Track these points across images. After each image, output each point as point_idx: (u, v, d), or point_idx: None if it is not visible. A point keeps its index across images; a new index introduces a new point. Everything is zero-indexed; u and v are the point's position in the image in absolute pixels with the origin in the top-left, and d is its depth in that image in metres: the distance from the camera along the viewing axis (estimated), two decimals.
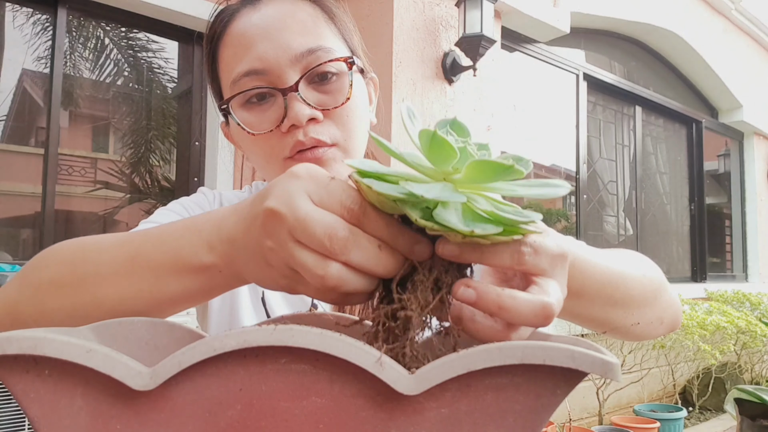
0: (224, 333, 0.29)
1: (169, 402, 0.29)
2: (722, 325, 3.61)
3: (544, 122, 4.18)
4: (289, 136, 0.62)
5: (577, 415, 3.59)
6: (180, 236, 0.41)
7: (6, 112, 2.59)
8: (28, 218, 2.62)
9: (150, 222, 0.67)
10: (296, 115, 0.61)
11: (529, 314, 0.32)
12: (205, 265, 0.40)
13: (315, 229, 0.33)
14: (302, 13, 0.65)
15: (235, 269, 0.39)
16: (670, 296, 0.62)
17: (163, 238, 0.42)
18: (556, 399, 0.30)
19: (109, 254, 0.43)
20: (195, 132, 3.01)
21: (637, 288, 0.55)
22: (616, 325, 0.56)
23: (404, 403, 0.29)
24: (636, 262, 0.59)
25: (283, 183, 0.35)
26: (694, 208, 5.53)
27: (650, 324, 0.59)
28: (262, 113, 0.64)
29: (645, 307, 0.57)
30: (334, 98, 0.64)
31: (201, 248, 0.39)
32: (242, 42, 0.64)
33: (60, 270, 0.44)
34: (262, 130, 0.63)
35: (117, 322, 0.40)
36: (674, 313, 0.63)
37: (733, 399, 1.37)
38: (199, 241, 0.40)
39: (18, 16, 2.61)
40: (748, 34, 5.90)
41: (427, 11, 2.96)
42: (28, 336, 0.29)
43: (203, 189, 0.78)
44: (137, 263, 0.42)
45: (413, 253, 0.34)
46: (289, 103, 0.62)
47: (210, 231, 0.40)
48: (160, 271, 0.41)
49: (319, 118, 0.63)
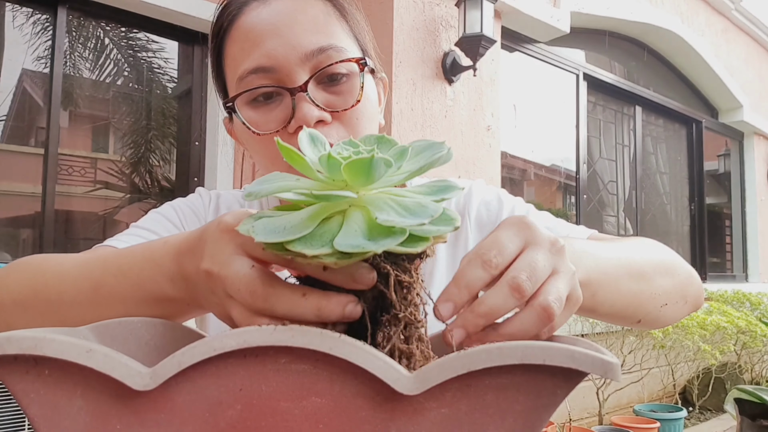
0: (224, 333, 0.29)
1: (169, 402, 0.29)
2: (722, 325, 3.61)
3: (544, 122, 4.18)
4: (296, 138, 0.61)
5: (577, 415, 3.59)
6: (140, 269, 0.40)
7: (6, 112, 2.59)
8: (28, 218, 2.62)
9: (139, 227, 0.66)
10: (304, 116, 0.59)
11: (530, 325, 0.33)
12: (168, 296, 0.39)
13: (238, 286, 0.33)
14: (314, 10, 0.63)
15: (198, 303, 0.39)
16: (688, 272, 0.62)
17: (123, 270, 0.41)
18: (556, 399, 0.30)
19: (70, 282, 0.42)
20: (195, 132, 3.01)
21: (649, 264, 0.55)
22: (646, 309, 0.55)
23: (404, 403, 0.29)
24: (644, 245, 0.59)
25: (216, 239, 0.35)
26: (694, 208, 5.53)
27: (676, 304, 0.59)
28: (268, 112, 0.62)
29: (663, 279, 0.56)
30: (344, 100, 0.62)
31: (164, 283, 0.39)
32: (250, 37, 0.61)
33: (22, 292, 0.44)
34: (267, 130, 0.61)
35: (117, 322, 0.40)
36: (697, 290, 0.63)
37: (733, 399, 1.37)
38: (161, 276, 0.39)
39: (18, 16, 2.61)
40: (748, 34, 5.90)
41: (427, 11, 2.96)
42: (28, 336, 0.29)
43: (200, 190, 0.77)
44: (101, 294, 0.41)
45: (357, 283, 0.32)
46: (297, 103, 0.60)
47: (169, 266, 0.39)
48: (128, 302, 0.40)
49: (327, 120, 0.61)
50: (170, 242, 0.40)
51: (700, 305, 0.64)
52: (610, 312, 0.52)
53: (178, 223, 0.70)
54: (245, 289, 0.33)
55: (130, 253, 0.42)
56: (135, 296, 0.40)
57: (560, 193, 4.52)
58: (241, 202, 0.76)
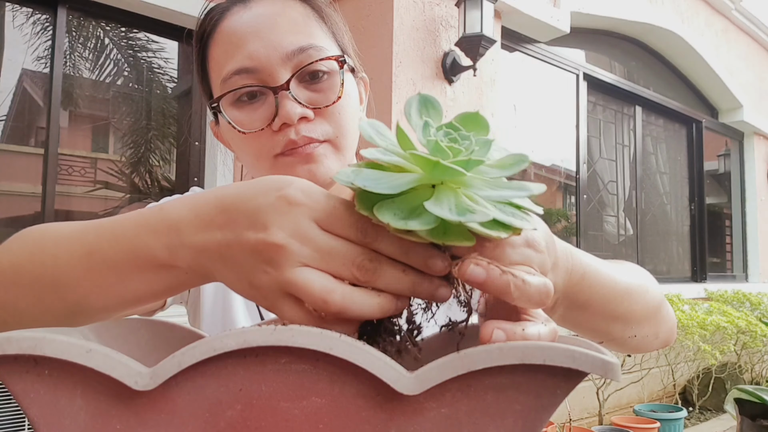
0: (224, 333, 0.29)
1: (169, 402, 0.29)
2: (722, 325, 3.61)
3: (544, 122, 4.18)
4: (281, 135, 0.62)
5: (577, 415, 3.59)
6: (134, 235, 0.39)
7: (6, 112, 2.59)
8: (28, 218, 2.62)
9: None
10: (288, 113, 0.61)
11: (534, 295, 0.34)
12: (167, 264, 0.38)
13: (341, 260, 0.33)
14: (293, 12, 0.65)
15: (203, 272, 0.37)
16: (667, 312, 0.63)
17: (116, 235, 0.40)
18: (556, 399, 0.30)
19: (65, 246, 0.42)
20: (195, 132, 3.01)
21: (640, 304, 0.56)
22: (613, 337, 0.56)
23: (404, 403, 0.29)
24: (639, 278, 0.59)
25: (284, 211, 0.34)
26: (694, 208, 5.54)
27: (646, 338, 0.60)
28: (252, 112, 0.63)
29: (644, 323, 0.58)
30: (326, 96, 0.64)
31: (159, 250, 0.38)
32: (233, 40, 0.64)
33: (21, 255, 0.43)
34: (252, 129, 0.63)
35: (117, 322, 0.40)
36: (670, 329, 0.64)
37: (733, 399, 1.37)
38: (156, 242, 0.38)
39: (18, 16, 2.61)
40: (748, 34, 5.90)
41: (427, 11, 2.96)
42: (28, 336, 0.29)
43: (195, 189, 0.77)
44: (94, 259, 0.40)
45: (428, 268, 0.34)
46: (280, 101, 0.62)
47: (167, 233, 0.37)
48: (121, 269, 0.39)
49: (309, 116, 0.63)
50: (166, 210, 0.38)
51: (671, 342, 0.65)
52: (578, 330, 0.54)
53: None
54: (351, 263, 0.33)
55: (124, 220, 0.41)
56: (127, 263, 0.39)
57: (560, 193, 4.52)
58: None
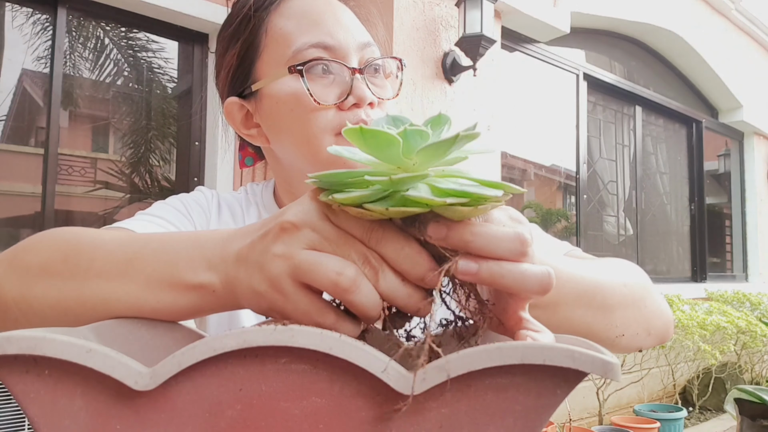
0: (224, 333, 0.29)
1: (169, 402, 0.29)
2: (722, 325, 3.61)
3: (544, 122, 4.18)
4: (350, 114, 0.64)
5: (577, 415, 3.59)
6: (181, 248, 0.41)
7: (6, 112, 2.59)
8: (28, 218, 2.62)
9: (148, 215, 0.66)
10: (363, 93, 0.64)
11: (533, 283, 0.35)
12: (200, 283, 0.39)
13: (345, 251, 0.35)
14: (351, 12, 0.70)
15: (230, 288, 0.39)
16: (657, 305, 0.61)
17: (164, 246, 0.41)
18: (556, 399, 0.30)
19: (105, 251, 0.43)
20: (195, 132, 3.01)
21: (616, 294, 0.55)
22: (599, 337, 0.56)
23: (404, 403, 0.29)
24: (618, 270, 0.59)
25: (299, 203, 0.37)
26: (694, 208, 5.53)
27: (636, 336, 0.58)
28: (325, 86, 0.65)
29: (625, 312, 0.56)
30: (384, 90, 0.68)
31: (199, 264, 0.39)
32: (308, 16, 0.66)
33: (52, 256, 0.43)
34: (327, 102, 0.64)
35: (117, 322, 0.40)
36: (664, 324, 0.62)
37: (733, 399, 1.37)
38: (200, 256, 0.40)
39: (18, 16, 2.61)
40: (748, 34, 5.90)
41: (427, 11, 2.96)
42: (28, 336, 0.29)
43: (201, 188, 0.78)
44: (132, 266, 0.41)
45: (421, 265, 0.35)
46: (354, 82, 0.64)
47: (213, 248, 0.40)
48: (153, 280, 0.40)
49: (375, 103, 0.66)
50: (221, 231, 0.42)
51: (667, 338, 0.64)
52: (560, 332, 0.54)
53: (186, 213, 0.71)
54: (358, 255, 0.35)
55: (177, 234, 0.43)
56: (162, 275, 0.40)
57: (560, 193, 4.52)
58: (240, 204, 0.77)
